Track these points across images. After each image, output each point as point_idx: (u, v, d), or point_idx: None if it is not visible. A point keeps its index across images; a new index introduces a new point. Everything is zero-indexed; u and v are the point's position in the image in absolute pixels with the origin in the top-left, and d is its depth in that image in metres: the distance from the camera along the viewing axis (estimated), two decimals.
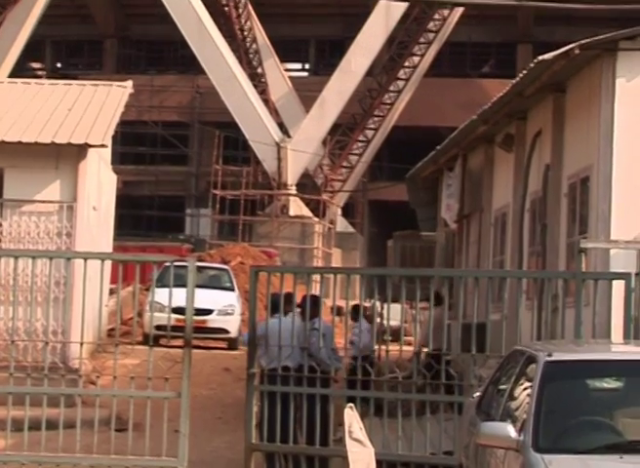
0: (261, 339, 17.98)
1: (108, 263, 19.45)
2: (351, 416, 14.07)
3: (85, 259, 17.79)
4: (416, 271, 22.76)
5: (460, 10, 51.28)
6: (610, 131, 20.81)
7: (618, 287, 17.73)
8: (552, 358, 11.26)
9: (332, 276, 20.19)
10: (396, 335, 18.77)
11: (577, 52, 21.13)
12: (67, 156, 27.83)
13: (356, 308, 20.42)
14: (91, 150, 28.17)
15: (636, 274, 18.05)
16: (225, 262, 41.21)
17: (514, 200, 27.97)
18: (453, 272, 27.62)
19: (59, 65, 68.81)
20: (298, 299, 18.40)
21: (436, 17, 53.86)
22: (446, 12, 53.22)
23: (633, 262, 19.07)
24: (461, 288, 19.46)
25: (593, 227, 21.49)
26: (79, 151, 27.94)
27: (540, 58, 21.81)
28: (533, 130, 26.62)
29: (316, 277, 21.76)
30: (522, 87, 24.33)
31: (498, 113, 27.49)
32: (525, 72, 23.17)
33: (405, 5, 49.01)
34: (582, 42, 21.20)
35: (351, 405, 14.44)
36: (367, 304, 20.87)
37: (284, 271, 20.34)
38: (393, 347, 18.16)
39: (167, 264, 18.24)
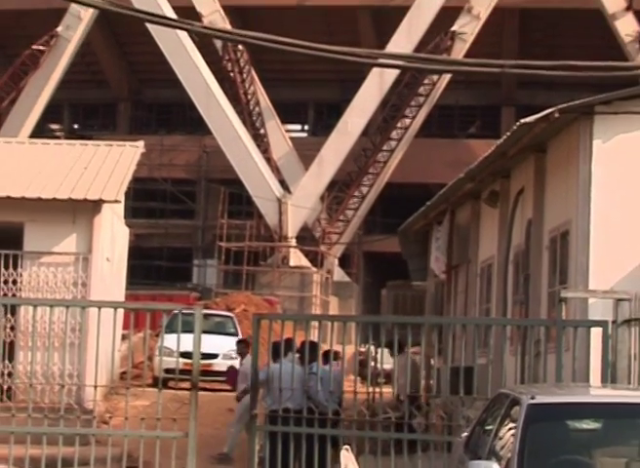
0: (264, 384, 17.98)
1: (121, 311, 19.38)
2: (347, 457, 14.03)
3: (99, 308, 17.80)
4: (407, 319, 22.74)
5: (447, 75, 51.37)
6: (587, 189, 20.83)
7: (596, 334, 17.75)
8: (535, 401, 11.25)
9: (329, 323, 20.09)
10: (389, 378, 18.77)
11: (556, 115, 21.17)
12: (83, 211, 27.80)
13: (326, 353, 20.25)
14: (105, 205, 28.15)
15: (613, 322, 18.06)
16: (230, 310, 41.16)
17: (499, 252, 27.94)
18: (442, 320, 27.64)
19: (76, 126, 68.91)
20: (297, 345, 18.41)
21: (426, 82, 53.98)
22: (435, 77, 53.36)
23: (610, 311, 19.04)
24: (450, 334, 19.49)
25: (573, 278, 21.47)
26: (94, 206, 27.93)
27: (523, 120, 21.84)
28: (516, 187, 26.63)
29: (314, 324, 21.74)
30: (506, 147, 24.36)
31: (483, 172, 27.50)
32: (508, 134, 23.20)
33: (397, 71, 49.11)
34: (562, 106, 21.25)
35: (347, 446, 14.41)
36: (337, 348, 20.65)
37: (284, 318, 20.35)
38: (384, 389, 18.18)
39: (175, 312, 18.28)
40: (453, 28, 53.79)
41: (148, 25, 44.75)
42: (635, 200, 20.86)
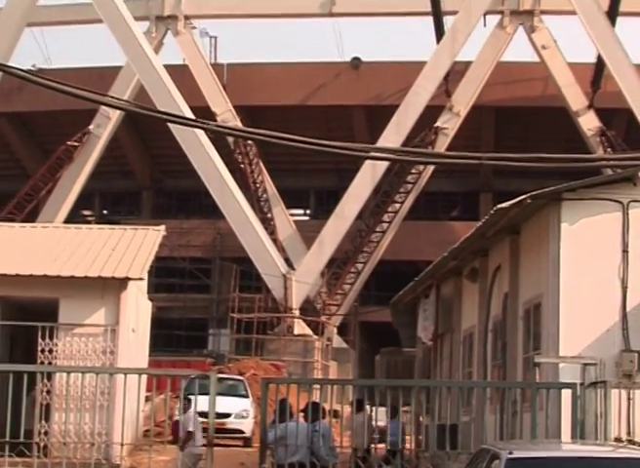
0: (279, 440, 17.90)
1: (144, 376, 19.36)
2: None
3: (125, 374, 17.78)
4: (398, 382, 22.80)
5: (432, 166, 51.61)
6: (557, 266, 20.82)
7: (566, 395, 17.72)
8: (513, 455, 11.21)
9: (329, 386, 19.98)
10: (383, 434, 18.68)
11: (528, 201, 21.21)
12: (111, 287, 27.78)
13: (315, 406, 19.99)
14: (131, 282, 28.13)
15: (581, 384, 18.06)
16: (241, 374, 41.00)
17: (479, 322, 27.88)
18: (430, 382, 27.39)
19: (105, 212, 68.99)
20: (301, 405, 18.33)
21: (413, 171, 54.13)
22: (421, 167, 53.54)
23: (578, 374, 19.02)
24: (437, 395, 19.41)
25: (545, 345, 21.42)
26: (121, 283, 27.91)
27: (499, 206, 21.86)
28: (493, 265, 26.62)
29: (316, 386, 21.67)
30: (484, 229, 24.37)
31: (464, 251, 27.50)
32: (486, 218, 23.21)
33: (388, 162, 49.25)
34: (533, 193, 21.28)
35: None
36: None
37: (290, 382, 20.34)
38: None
39: (192, 377, 18.28)
40: (436, 124, 54.02)
41: (169, 124, 45.09)
42: (599, 275, 20.83)
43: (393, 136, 51.78)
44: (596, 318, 20.76)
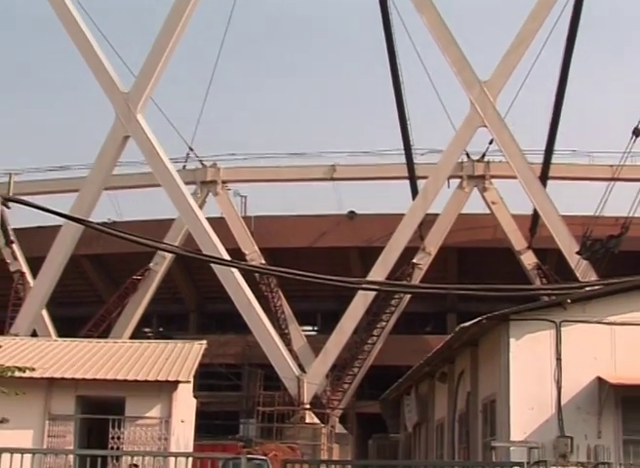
0: None
1: (190, 459, 19.15)
2: None
3: (176, 457, 17.60)
4: (387, 462, 22.50)
5: None
6: (507, 371, 20.77)
7: None
8: None
9: (333, 465, 19.73)
10: None
11: (484, 321, 21.25)
12: (166, 388, 27.71)
13: None
14: (180, 384, 28.05)
15: (527, 463, 17.89)
16: (265, 455, 40.25)
17: (448, 414, 27.70)
18: (411, 462, 27.21)
19: (161, 329, 68.68)
20: None
21: (395, 297, 53.89)
22: (402, 295, 53.58)
23: (525, 455, 18.86)
24: None
25: (499, 432, 21.26)
26: (173, 385, 27.84)
27: (462, 325, 21.91)
28: (458, 370, 26.53)
29: (324, 466, 21.48)
30: (451, 343, 24.35)
31: (436, 359, 27.46)
32: (452, 334, 23.22)
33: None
34: (488, 315, 21.32)
35: None
36: None
37: (303, 462, 20.08)
38: None
39: (228, 459, 18.11)
40: (413, 261, 54.08)
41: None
42: (539, 378, 20.74)
43: (380, 270, 51.85)
44: (538, 411, 20.62)
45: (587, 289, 23.87)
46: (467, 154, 55.48)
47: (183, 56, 55.17)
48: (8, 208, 20.63)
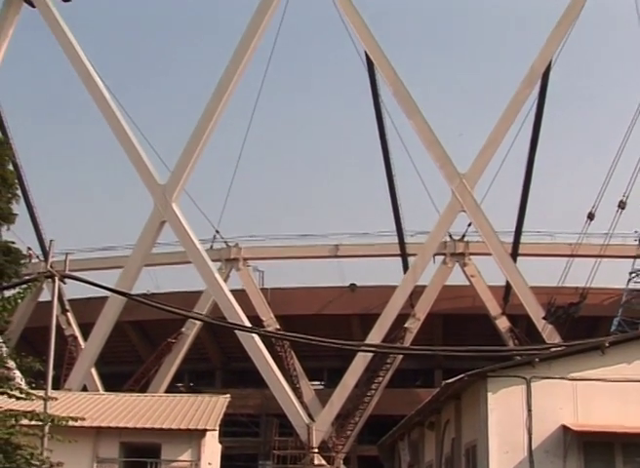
0: None
1: None
2: None
3: None
4: None
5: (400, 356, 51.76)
6: (486, 421, 20.68)
7: None
8: None
9: None
10: None
11: (466, 378, 21.20)
12: (195, 435, 27.59)
13: None
14: (208, 432, 27.88)
15: None
16: None
17: (436, 457, 27.48)
18: None
19: (191, 385, 68.00)
20: None
21: (390, 356, 53.79)
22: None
23: None
24: None
25: None
26: (201, 433, 27.70)
27: (447, 381, 21.86)
28: (445, 419, 26.37)
29: None
30: (438, 396, 24.25)
31: (425, 410, 27.30)
32: (439, 388, 23.13)
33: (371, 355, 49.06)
34: (469, 373, 21.29)
35: None
36: None
37: None
38: None
39: None
40: (405, 325, 53.90)
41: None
42: (513, 427, 20.66)
43: (377, 334, 51.74)
44: (512, 454, 20.52)
45: (552, 349, 23.90)
46: (450, 235, 55.71)
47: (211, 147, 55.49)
48: (64, 283, 20.80)
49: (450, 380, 21.91)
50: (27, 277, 25.90)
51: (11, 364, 21.36)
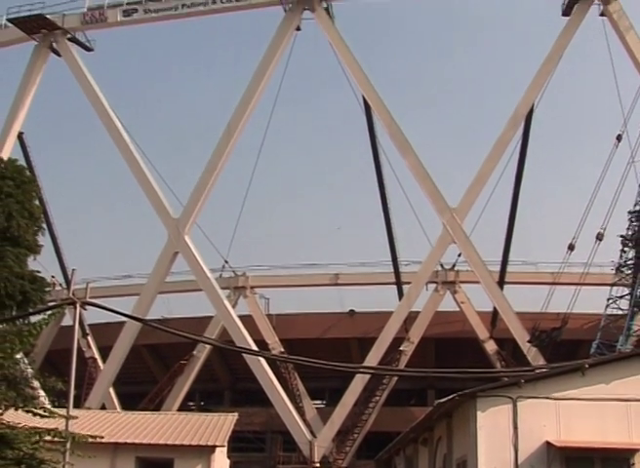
0: None
1: None
2: None
3: None
4: None
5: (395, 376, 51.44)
6: (475, 437, 20.60)
7: None
8: None
9: None
10: None
11: (457, 398, 21.13)
12: (206, 451, 27.40)
13: None
14: (217, 448, 27.73)
15: None
16: None
17: None
18: None
19: (202, 403, 67.47)
20: None
21: (387, 377, 53.59)
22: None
23: None
24: None
25: None
26: (211, 449, 27.53)
27: (438, 401, 21.77)
28: (437, 436, 26.23)
29: None
30: (430, 415, 24.14)
31: (419, 427, 27.17)
32: (432, 407, 23.04)
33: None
34: (459, 393, 21.16)
35: None
36: None
37: None
38: None
39: None
40: (400, 348, 53.59)
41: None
42: (500, 443, 20.58)
43: (374, 356, 51.53)
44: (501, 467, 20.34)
45: (537, 371, 23.83)
46: (441, 265, 55.74)
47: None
48: (85, 309, 20.83)
49: (442, 400, 21.85)
50: (51, 304, 25.87)
51: (35, 384, 21.36)
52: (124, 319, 48.64)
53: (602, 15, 50.13)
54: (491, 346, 54.86)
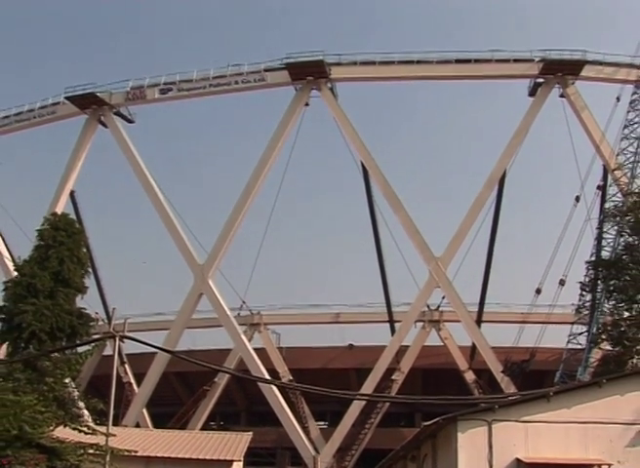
0: None
1: None
2: None
3: None
4: None
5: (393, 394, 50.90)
6: (456, 455, 20.47)
7: None
8: None
9: None
10: None
11: (440, 421, 21.00)
12: (224, 464, 26.66)
13: None
14: (234, 462, 27.27)
15: None
16: None
17: None
18: None
19: (222, 423, 66.58)
20: None
21: (379, 404, 52.78)
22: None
23: None
24: None
25: None
26: (229, 463, 27.10)
27: (425, 423, 21.63)
28: (423, 453, 25.98)
29: None
30: (418, 435, 23.88)
31: (407, 446, 26.90)
32: (419, 429, 22.82)
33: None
34: (443, 417, 21.00)
35: None
36: None
37: None
38: None
39: None
40: (392, 377, 52.96)
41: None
42: (479, 460, 20.41)
43: (370, 385, 51.06)
44: None
45: (509, 398, 23.74)
46: (428, 306, 55.66)
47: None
48: (123, 342, 20.98)
49: (428, 423, 21.73)
50: (95, 336, 25.98)
51: (81, 404, 21.38)
52: (156, 350, 48.66)
53: (562, 96, 51.20)
54: (470, 376, 54.45)
